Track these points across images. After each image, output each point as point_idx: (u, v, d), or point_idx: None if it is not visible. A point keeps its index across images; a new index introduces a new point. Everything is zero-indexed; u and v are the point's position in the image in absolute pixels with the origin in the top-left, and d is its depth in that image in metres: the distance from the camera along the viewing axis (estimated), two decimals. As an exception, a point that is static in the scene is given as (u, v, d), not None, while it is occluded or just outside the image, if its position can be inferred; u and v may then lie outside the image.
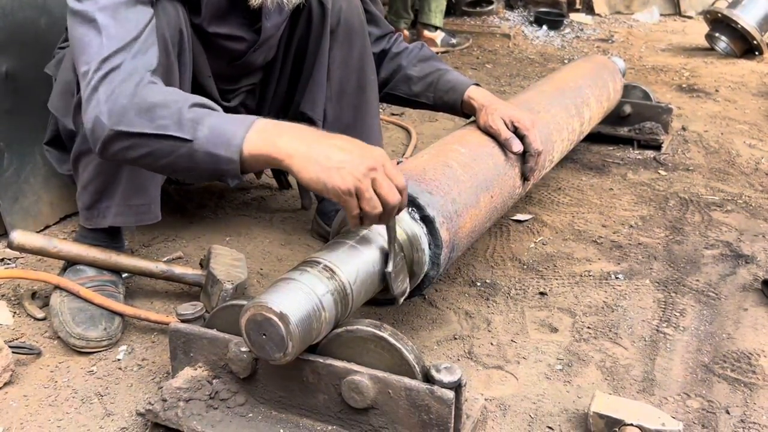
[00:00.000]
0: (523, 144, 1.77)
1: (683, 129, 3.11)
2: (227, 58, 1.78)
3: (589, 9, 5.91)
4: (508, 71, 4.19)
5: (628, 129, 2.88)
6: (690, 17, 5.82)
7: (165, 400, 1.27)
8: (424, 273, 1.46)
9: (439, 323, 1.70)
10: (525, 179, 1.84)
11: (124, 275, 1.74)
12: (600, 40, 5.07)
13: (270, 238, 2.10)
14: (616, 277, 1.91)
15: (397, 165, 1.72)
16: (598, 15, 5.82)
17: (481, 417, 1.35)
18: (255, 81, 1.93)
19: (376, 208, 1.22)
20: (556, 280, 1.90)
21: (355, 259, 1.29)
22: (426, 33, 4.58)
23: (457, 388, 1.16)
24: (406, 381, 1.17)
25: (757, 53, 4.52)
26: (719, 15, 4.51)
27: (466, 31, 5.03)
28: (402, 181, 1.27)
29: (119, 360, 1.54)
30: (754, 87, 3.86)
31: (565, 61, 4.44)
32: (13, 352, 1.48)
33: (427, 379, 1.17)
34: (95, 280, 1.66)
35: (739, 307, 1.79)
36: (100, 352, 1.56)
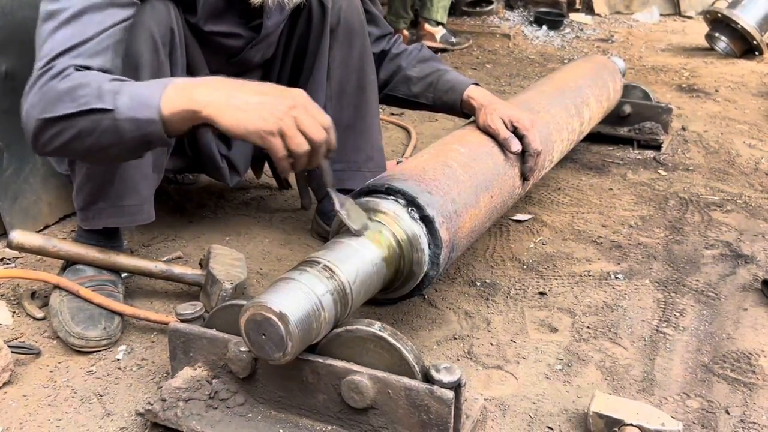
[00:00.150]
0: (522, 144, 1.77)
1: (683, 129, 3.11)
2: (224, 55, 1.78)
3: (589, 9, 5.90)
4: (508, 71, 4.19)
5: (628, 129, 2.88)
6: (690, 17, 5.82)
7: (164, 400, 1.27)
8: (424, 273, 1.46)
9: (438, 323, 1.70)
10: (524, 179, 1.84)
11: (124, 275, 1.74)
12: (600, 40, 5.07)
13: (270, 238, 2.10)
14: (616, 277, 1.91)
15: (397, 165, 1.72)
16: (598, 15, 5.81)
17: (481, 417, 1.35)
18: (254, 80, 1.93)
19: (303, 145, 1.22)
20: (556, 280, 1.90)
21: (355, 258, 1.29)
22: (427, 26, 4.57)
23: (456, 388, 1.16)
24: (406, 381, 1.17)
25: (757, 53, 4.51)
26: (719, 15, 4.51)
27: (466, 31, 5.03)
28: (326, 119, 1.26)
29: (119, 360, 1.54)
30: (754, 87, 3.86)
31: (565, 61, 4.44)
32: (12, 352, 1.48)
33: (427, 379, 1.17)
34: (94, 280, 1.66)
35: (739, 307, 1.79)
36: (99, 351, 1.56)
